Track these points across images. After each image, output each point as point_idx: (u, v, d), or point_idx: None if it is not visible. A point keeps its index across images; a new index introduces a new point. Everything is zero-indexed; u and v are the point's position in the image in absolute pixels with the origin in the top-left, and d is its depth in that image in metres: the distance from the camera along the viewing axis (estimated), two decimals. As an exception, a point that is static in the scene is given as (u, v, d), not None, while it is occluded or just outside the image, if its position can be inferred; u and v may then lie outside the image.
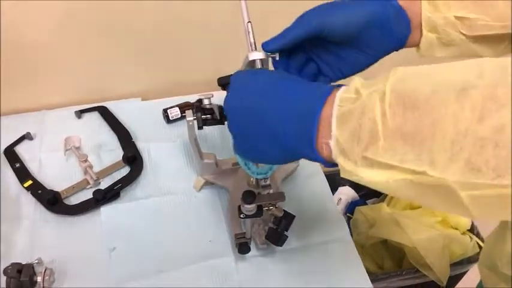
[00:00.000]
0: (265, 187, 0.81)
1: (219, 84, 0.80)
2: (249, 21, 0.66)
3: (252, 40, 0.64)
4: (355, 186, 1.57)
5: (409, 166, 0.37)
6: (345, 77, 0.64)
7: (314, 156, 0.45)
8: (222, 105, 0.77)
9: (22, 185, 0.89)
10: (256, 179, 0.82)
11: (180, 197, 0.89)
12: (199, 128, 0.79)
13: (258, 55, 0.62)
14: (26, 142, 0.98)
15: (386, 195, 1.48)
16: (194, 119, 0.78)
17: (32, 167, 0.93)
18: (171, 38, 1.04)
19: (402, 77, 0.39)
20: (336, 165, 0.45)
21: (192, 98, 1.05)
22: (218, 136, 0.98)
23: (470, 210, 0.35)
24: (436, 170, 0.35)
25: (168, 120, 1.01)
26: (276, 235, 0.74)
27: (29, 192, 0.88)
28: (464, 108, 0.33)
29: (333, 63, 0.63)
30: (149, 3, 0.95)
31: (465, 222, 1.29)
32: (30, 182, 0.89)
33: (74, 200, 0.88)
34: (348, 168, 0.42)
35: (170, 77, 1.11)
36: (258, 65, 0.62)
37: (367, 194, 1.57)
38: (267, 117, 0.49)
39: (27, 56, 0.97)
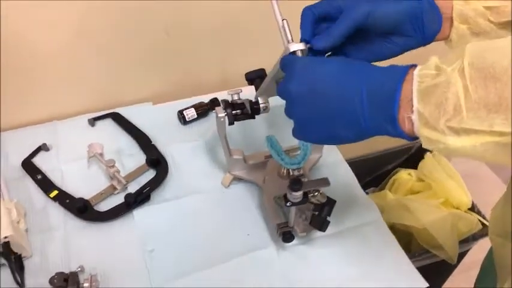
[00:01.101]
0: (299, 177, 0.83)
1: (247, 79, 0.82)
2: (284, 19, 0.66)
3: (290, 37, 0.64)
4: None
5: (497, 129, 0.40)
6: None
7: (396, 131, 0.48)
8: (253, 99, 0.79)
9: (48, 196, 0.87)
10: (288, 169, 0.85)
11: (209, 195, 0.90)
12: (230, 123, 0.80)
13: (299, 46, 0.62)
14: (42, 153, 0.96)
15: (386, 183, 1.53)
16: (225, 115, 0.79)
17: (54, 177, 0.91)
18: (178, 41, 1.04)
19: (478, 52, 0.42)
20: (416, 138, 0.47)
21: (203, 98, 1.06)
22: (240, 133, 0.99)
23: None
24: None
25: (185, 122, 1.02)
26: (320, 220, 0.76)
27: (56, 202, 0.86)
28: None
29: (359, 52, 0.65)
30: (157, 8, 0.95)
31: (466, 202, 1.34)
32: (56, 192, 0.88)
33: (103, 206, 0.87)
34: (434, 137, 0.44)
35: (179, 80, 1.11)
36: (299, 55, 0.63)
37: (365, 184, 1.61)
38: (342, 100, 0.51)
39: (35, 67, 0.96)
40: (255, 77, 0.80)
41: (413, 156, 1.58)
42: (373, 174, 1.61)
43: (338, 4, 0.62)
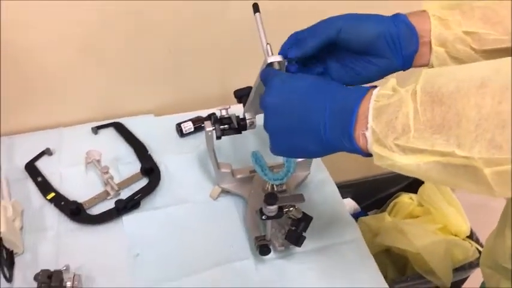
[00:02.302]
0: (281, 192, 0.86)
1: (236, 97, 0.86)
2: (268, 43, 0.69)
3: (270, 52, 0.68)
4: (357, 198, 1.62)
5: (438, 148, 0.43)
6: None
7: (352, 146, 0.51)
8: (241, 115, 0.83)
9: (45, 198, 0.92)
10: (272, 185, 0.87)
11: (197, 206, 0.93)
12: (218, 138, 0.84)
13: (276, 58, 0.66)
14: (45, 157, 1.01)
15: (387, 206, 1.54)
16: (213, 129, 0.83)
17: (53, 180, 0.96)
18: (180, 58, 1.09)
19: (430, 77, 0.45)
20: (370, 155, 0.50)
21: (202, 113, 1.11)
22: (230, 147, 1.03)
23: (493, 187, 0.40)
24: (463, 150, 0.40)
25: (182, 134, 1.06)
26: (295, 236, 0.78)
27: (52, 204, 0.91)
28: (485, 97, 0.39)
29: (339, 70, 0.67)
30: (161, 26, 1.01)
31: (465, 229, 1.34)
32: (53, 194, 0.92)
33: (96, 210, 0.91)
34: (383, 154, 0.47)
35: (180, 94, 1.16)
36: (276, 67, 0.66)
37: (368, 206, 1.62)
38: (309, 114, 0.54)
39: (44, 77, 1.02)
40: (243, 94, 0.84)
41: (416, 180, 1.58)
42: (375, 196, 1.63)
43: (318, 28, 0.65)
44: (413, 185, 1.57)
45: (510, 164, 0.38)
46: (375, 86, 0.51)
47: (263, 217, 0.76)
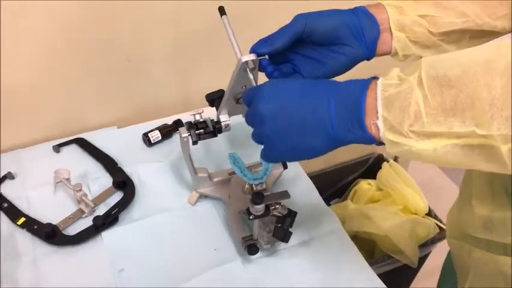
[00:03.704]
0: (262, 191, 0.87)
1: (208, 100, 0.86)
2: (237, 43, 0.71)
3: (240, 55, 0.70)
4: (318, 190, 1.66)
5: (456, 130, 0.45)
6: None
7: (366, 136, 0.52)
8: (215, 119, 0.83)
9: (15, 223, 0.88)
10: (251, 185, 0.89)
11: (176, 213, 0.92)
12: (194, 143, 0.84)
13: (250, 56, 0.67)
14: (8, 182, 0.97)
15: (348, 194, 1.59)
16: (188, 135, 0.83)
17: (21, 204, 0.92)
18: (139, 66, 1.08)
19: (431, 63, 0.47)
20: (382, 143, 0.52)
21: (167, 120, 1.10)
22: (203, 152, 1.03)
23: (508, 165, 0.44)
24: (482, 129, 0.43)
25: (150, 144, 1.04)
26: (282, 232, 0.80)
27: (24, 229, 0.87)
28: (493, 77, 0.42)
29: (309, 66, 0.70)
30: (118, 35, 0.99)
31: (423, 207, 1.41)
32: (23, 219, 0.89)
33: (72, 230, 0.88)
34: (398, 141, 0.49)
35: (143, 103, 1.14)
36: (251, 66, 0.68)
37: (328, 196, 1.67)
38: (312, 111, 0.55)
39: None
40: (215, 98, 0.84)
41: (371, 166, 1.65)
42: (335, 186, 1.67)
43: (285, 26, 0.68)
44: (369, 171, 1.64)
45: None
46: (376, 77, 0.53)
47: (251, 217, 0.77)
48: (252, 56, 0.67)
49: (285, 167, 0.77)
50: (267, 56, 0.69)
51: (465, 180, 0.79)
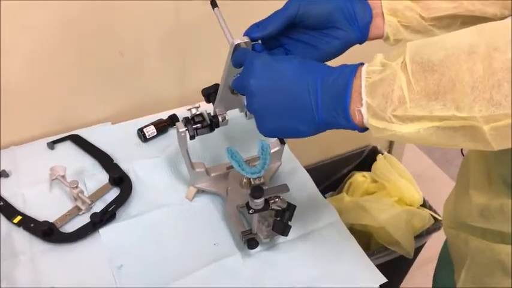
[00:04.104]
0: (260, 185, 0.86)
1: (204, 95, 0.86)
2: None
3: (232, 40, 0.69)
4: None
5: (437, 113, 0.46)
6: None
7: (348, 123, 0.53)
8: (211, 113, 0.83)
9: (11, 222, 0.87)
10: (249, 179, 0.88)
11: (174, 208, 0.92)
12: (192, 138, 0.83)
13: (243, 39, 0.67)
14: (2, 180, 0.96)
15: (343, 186, 1.59)
16: (186, 130, 0.83)
17: (16, 202, 0.91)
18: (133, 61, 1.07)
19: (416, 48, 0.48)
20: (366, 129, 0.53)
21: (162, 115, 1.09)
22: (200, 146, 1.02)
23: (491, 143, 0.45)
24: (462, 112, 0.44)
25: (145, 139, 1.04)
26: (282, 225, 0.79)
27: (21, 227, 0.86)
28: (475, 62, 0.43)
29: (302, 50, 0.70)
30: (111, 29, 0.98)
31: (418, 198, 1.42)
32: (19, 217, 0.88)
33: (69, 227, 0.88)
34: (382, 126, 0.50)
35: (137, 99, 1.13)
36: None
37: (324, 189, 1.67)
38: (299, 93, 0.55)
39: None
40: (211, 92, 0.84)
41: (366, 158, 1.65)
42: (330, 179, 1.68)
43: (277, 11, 0.68)
44: (363, 163, 1.65)
45: (510, 118, 0.42)
46: (362, 63, 0.53)
47: (250, 211, 0.76)
48: (245, 39, 0.67)
49: (282, 142, 0.79)
50: (260, 41, 0.68)
51: (462, 170, 0.79)
